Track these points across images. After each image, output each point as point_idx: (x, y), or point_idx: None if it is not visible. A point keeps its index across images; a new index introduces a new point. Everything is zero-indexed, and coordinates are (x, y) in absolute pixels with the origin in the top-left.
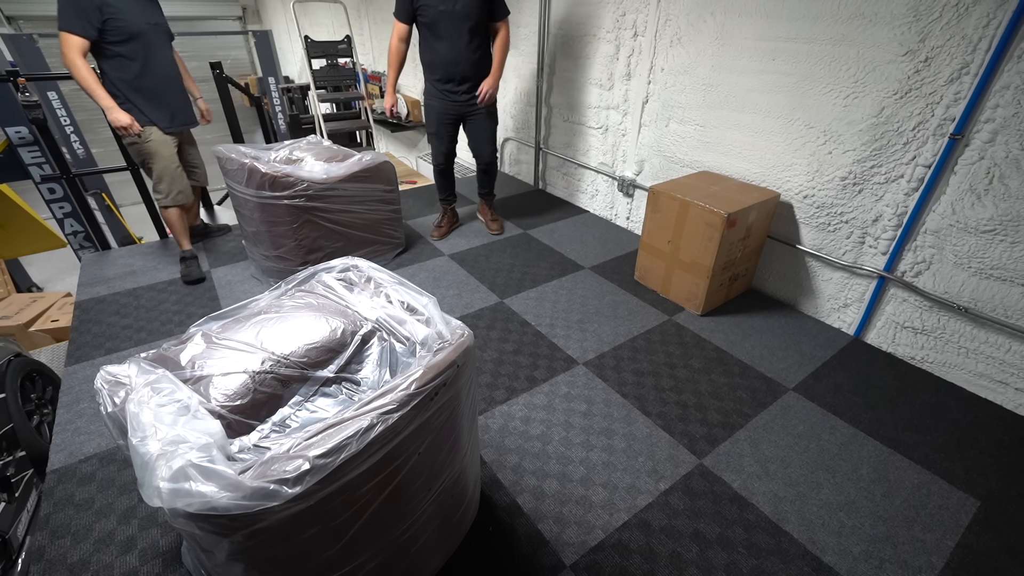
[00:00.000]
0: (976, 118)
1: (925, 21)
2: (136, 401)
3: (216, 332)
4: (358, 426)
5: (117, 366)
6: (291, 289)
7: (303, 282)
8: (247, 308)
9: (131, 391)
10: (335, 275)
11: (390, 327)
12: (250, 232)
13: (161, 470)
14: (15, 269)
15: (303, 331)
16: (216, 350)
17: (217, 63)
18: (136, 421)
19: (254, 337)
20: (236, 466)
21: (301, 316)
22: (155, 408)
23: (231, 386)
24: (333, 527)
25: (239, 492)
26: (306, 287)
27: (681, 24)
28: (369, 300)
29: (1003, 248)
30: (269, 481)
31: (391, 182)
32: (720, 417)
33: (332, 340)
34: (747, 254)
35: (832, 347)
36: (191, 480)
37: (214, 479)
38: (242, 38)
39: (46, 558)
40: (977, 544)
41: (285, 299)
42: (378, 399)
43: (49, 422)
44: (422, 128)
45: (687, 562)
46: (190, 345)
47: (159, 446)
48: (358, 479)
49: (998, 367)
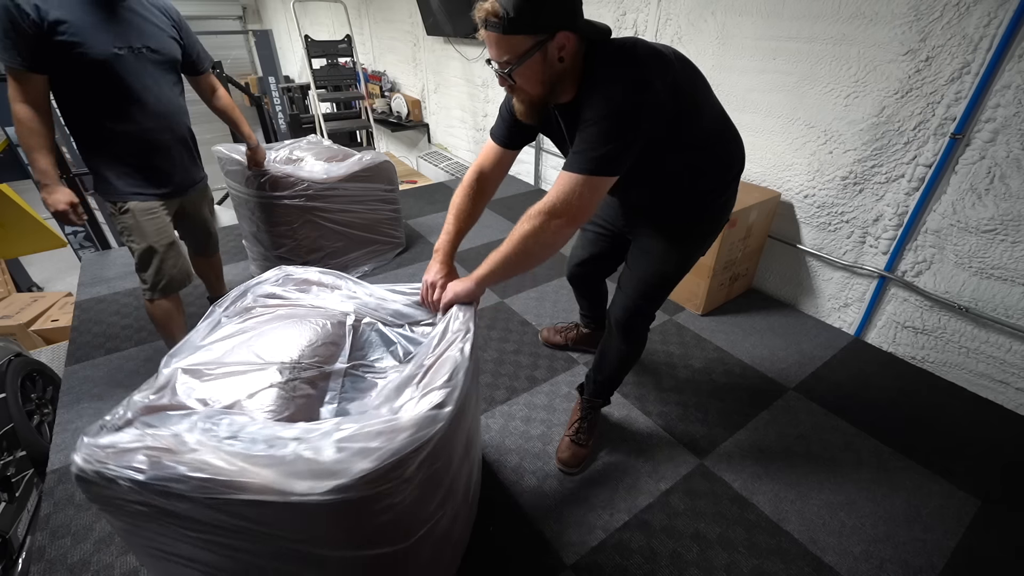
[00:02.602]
0: (977, 117)
1: (926, 20)
2: (196, 451)
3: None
4: (452, 362)
5: (98, 439)
6: (229, 309)
7: (238, 299)
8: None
9: (169, 451)
10: (273, 286)
11: (373, 311)
12: (250, 232)
13: (328, 455)
14: (15, 269)
15: (295, 335)
16: (214, 380)
17: (217, 63)
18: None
19: (251, 355)
20: (375, 416)
21: (281, 324)
22: (234, 442)
23: (267, 402)
24: (441, 469)
25: (406, 430)
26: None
27: (681, 24)
28: (331, 295)
29: (1004, 248)
30: (424, 409)
31: (391, 182)
32: (720, 417)
33: (329, 334)
34: (747, 254)
35: (833, 347)
36: (359, 442)
37: (374, 433)
38: (242, 38)
39: (46, 558)
40: (978, 544)
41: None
42: (443, 342)
43: (49, 422)
44: (422, 128)
45: (687, 562)
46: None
47: (294, 447)
48: (457, 418)
49: (999, 367)
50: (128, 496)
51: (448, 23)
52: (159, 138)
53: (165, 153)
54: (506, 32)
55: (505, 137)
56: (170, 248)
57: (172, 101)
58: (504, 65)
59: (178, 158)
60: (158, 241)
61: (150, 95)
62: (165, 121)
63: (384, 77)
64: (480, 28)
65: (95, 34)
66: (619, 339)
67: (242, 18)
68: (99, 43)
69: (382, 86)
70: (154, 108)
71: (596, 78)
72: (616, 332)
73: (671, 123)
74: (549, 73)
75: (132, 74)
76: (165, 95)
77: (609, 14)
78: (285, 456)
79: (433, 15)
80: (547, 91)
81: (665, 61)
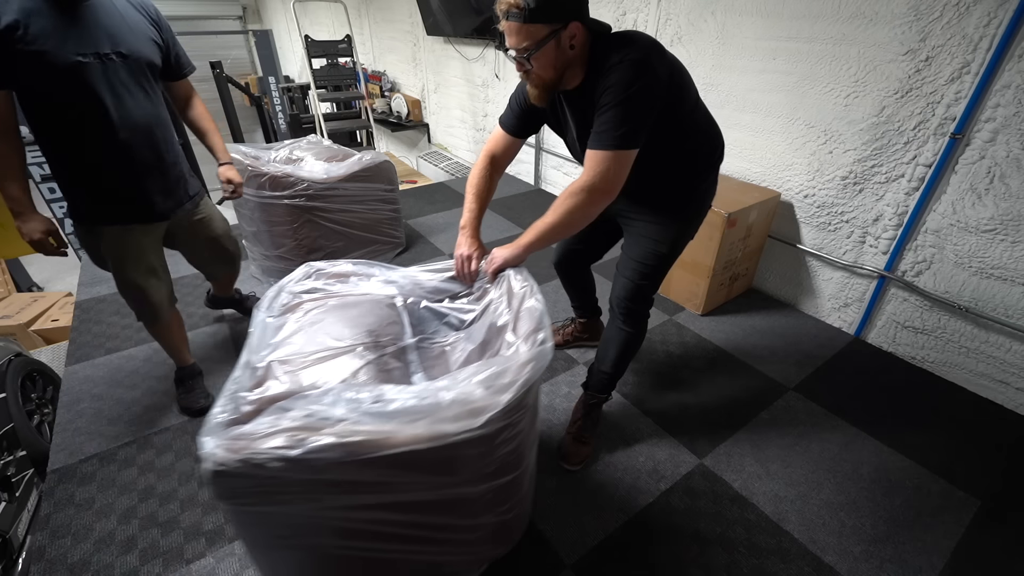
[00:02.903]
0: (977, 117)
1: (926, 20)
2: (344, 420)
3: (285, 356)
4: (536, 309)
5: (233, 431)
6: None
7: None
8: (277, 335)
9: (309, 428)
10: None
11: (414, 290)
12: (250, 232)
13: (478, 394)
14: (15, 269)
15: (360, 319)
16: (309, 367)
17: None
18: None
19: (330, 341)
20: (500, 359)
21: (340, 312)
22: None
23: (369, 378)
24: (536, 399)
25: (529, 363)
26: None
27: (681, 23)
28: (369, 282)
29: (1004, 248)
30: (535, 346)
31: (391, 181)
32: (720, 417)
33: (388, 315)
34: (747, 254)
35: (832, 347)
36: (499, 379)
37: (507, 371)
38: (242, 37)
39: (46, 558)
40: (978, 544)
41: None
42: (515, 298)
43: (49, 422)
44: (422, 128)
45: (687, 562)
46: (280, 376)
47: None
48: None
49: (999, 367)
50: (274, 477)
51: (448, 23)
52: (135, 157)
53: (143, 173)
54: (526, 21)
55: (514, 126)
56: (150, 278)
57: (150, 113)
58: (523, 51)
59: (160, 177)
60: (134, 268)
61: (123, 108)
62: (142, 137)
63: (384, 77)
64: (502, 19)
65: (55, 41)
66: (621, 322)
67: (242, 18)
68: (60, 51)
69: (382, 86)
70: (128, 123)
71: (603, 64)
72: (619, 315)
73: (666, 104)
74: (561, 59)
75: (101, 85)
76: (141, 107)
77: (609, 14)
78: (440, 403)
79: (433, 15)
80: (558, 76)
81: (661, 48)
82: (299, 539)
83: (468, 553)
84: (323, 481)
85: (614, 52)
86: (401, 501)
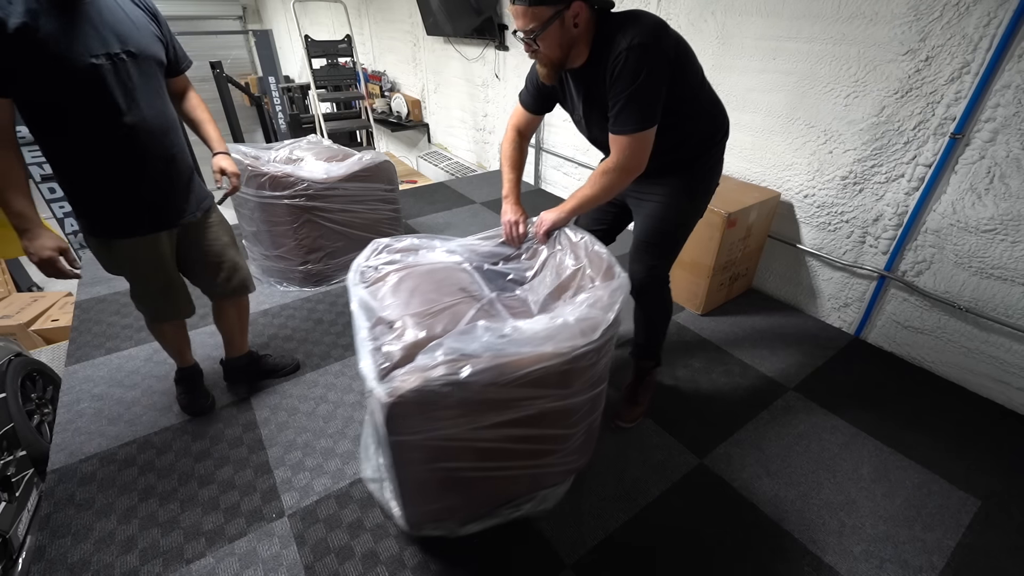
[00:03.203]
0: (977, 117)
1: (926, 20)
2: (490, 349)
3: (408, 314)
4: (603, 254)
5: (405, 369)
6: (370, 272)
7: (360, 273)
8: (381, 300)
9: (466, 357)
10: (389, 253)
11: (473, 256)
12: (250, 232)
13: (594, 313)
14: (15, 269)
15: (449, 279)
16: (434, 318)
17: (217, 62)
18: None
19: (435, 297)
20: (592, 293)
21: (427, 276)
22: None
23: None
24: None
25: (617, 291)
26: (368, 273)
27: (681, 23)
28: (434, 253)
29: (1004, 248)
30: (614, 284)
31: (391, 181)
32: (720, 417)
33: (467, 276)
34: (747, 254)
35: (833, 347)
36: (603, 303)
37: (603, 297)
38: (242, 37)
39: (46, 558)
40: (978, 544)
41: (385, 284)
42: (580, 247)
43: (49, 422)
44: (422, 128)
45: (687, 562)
46: (413, 328)
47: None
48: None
49: (999, 367)
50: (437, 401)
51: (448, 23)
52: (153, 162)
53: (160, 178)
54: (531, 4)
55: (532, 104)
56: (167, 286)
57: (161, 114)
58: (530, 32)
59: (175, 182)
60: (153, 276)
61: (137, 111)
62: (157, 141)
63: (384, 77)
64: (511, 4)
65: (67, 43)
66: (639, 302)
67: (242, 18)
68: (74, 53)
69: (382, 86)
70: (143, 127)
71: (608, 43)
72: (636, 297)
73: (673, 80)
74: (566, 38)
75: (115, 88)
76: (153, 108)
77: None
78: (568, 323)
79: (433, 15)
80: (564, 54)
81: (665, 27)
82: (444, 463)
83: (563, 464)
84: (474, 401)
85: (619, 33)
86: (526, 416)
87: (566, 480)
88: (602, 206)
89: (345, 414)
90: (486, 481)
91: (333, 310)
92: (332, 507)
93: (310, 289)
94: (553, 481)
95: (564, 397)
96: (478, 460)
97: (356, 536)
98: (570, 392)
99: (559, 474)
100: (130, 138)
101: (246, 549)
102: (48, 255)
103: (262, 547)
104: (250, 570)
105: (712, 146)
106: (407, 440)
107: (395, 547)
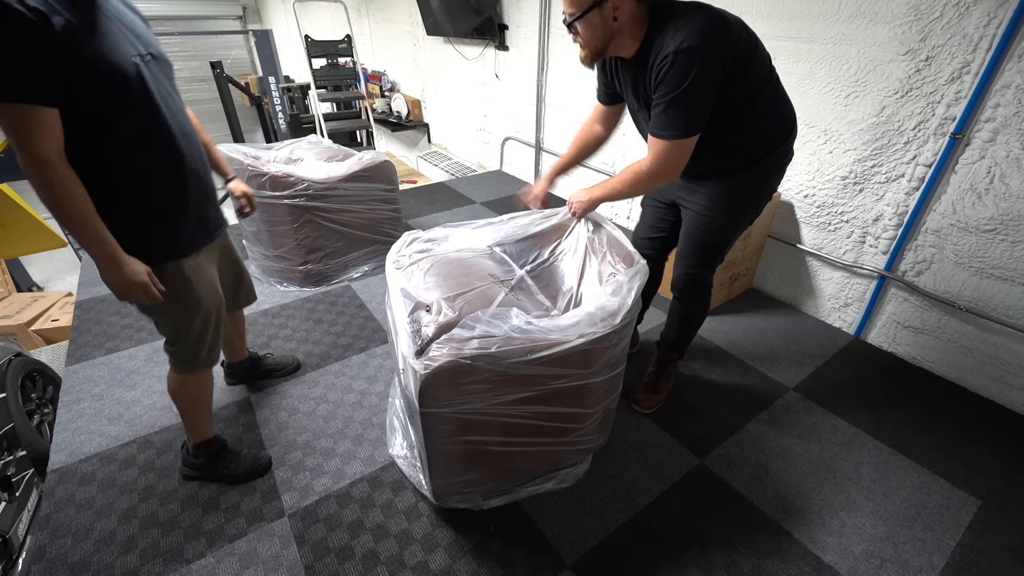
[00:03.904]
0: (977, 117)
1: (926, 20)
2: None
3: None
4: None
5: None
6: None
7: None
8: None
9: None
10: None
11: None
12: (250, 231)
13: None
14: (15, 269)
15: (477, 265)
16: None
17: (217, 62)
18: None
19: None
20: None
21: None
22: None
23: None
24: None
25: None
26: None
27: None
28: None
29: (1004, 248)
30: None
31: (391, 181)
32: (720, 417)
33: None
34: (747, 254)
35: (833, 347)
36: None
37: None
38: (242, 37)
39: (47, 558)
40: (978, 544)
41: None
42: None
43: (49, 422)
44: (422, 128)
45: (687, 562)
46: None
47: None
48: None
49: (999, 367)
50: (470, 373)
51: (448, 23)
52: (194, 169)
53: (202, 185)
54: None
55: (600, 93)
56: (221, 313)
57: (188, 119)
58: (570, 16)
59: (209, 190)
60: (212, 303)
61: (175, 117)
62: (193, 146)
63: (384, 77)
64: None
65: (111, 41)
66: (677, 302)
67: (242, 18)
68: (120, 53)
69: (382, 86)
70: (181, 132)
71: (658, 39)
72: (675, 296)
73: (728, 83)
74: (605, 29)
75: (155, 89)
76: (183, 113)
77: None
78: (589, 310)
79: (433, 15)
80: (602, 44)
81: (723, 24)
82: (471, 435)
83: (582, 443)
84: (502, 376)
85: (671, 30)
86: (549, 392)
87: (585, 459)
88: (660, 214)
89: (345, 414)
90: (509, 456)
91: (333, 310)
92: (332, 507)
93: (310, 289)
94: (572, 460)
95: (585, 377)
96: (503, 435)
97: (356, 536)
98: (591, 372)
99: (578, 452)
100: (174, 146)
101: (246, 549)
102: (144, 279)
103: (262, 547)
104: (250, 570)
105: (772, 150)
106: (438, 413)
107: (395, 547)
